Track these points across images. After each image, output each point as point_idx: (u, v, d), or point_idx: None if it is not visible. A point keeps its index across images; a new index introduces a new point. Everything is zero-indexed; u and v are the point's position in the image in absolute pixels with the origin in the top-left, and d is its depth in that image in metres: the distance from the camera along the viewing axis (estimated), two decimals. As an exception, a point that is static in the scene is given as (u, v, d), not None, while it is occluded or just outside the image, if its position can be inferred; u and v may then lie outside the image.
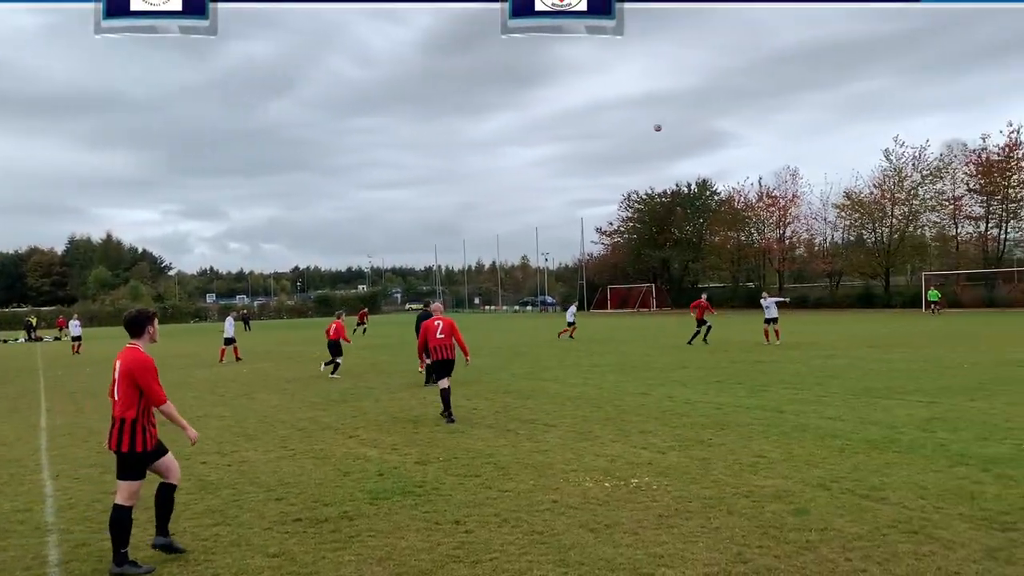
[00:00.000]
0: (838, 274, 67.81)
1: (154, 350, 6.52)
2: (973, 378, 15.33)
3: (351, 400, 15.44)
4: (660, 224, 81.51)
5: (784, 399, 13.40)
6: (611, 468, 8.66)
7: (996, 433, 9.84)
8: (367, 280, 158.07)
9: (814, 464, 8.50)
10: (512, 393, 15.56)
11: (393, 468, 9.08)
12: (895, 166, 62.06)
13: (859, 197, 64.24)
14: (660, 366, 19.97)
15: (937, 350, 21.97)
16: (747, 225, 73.39)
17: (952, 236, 62.12)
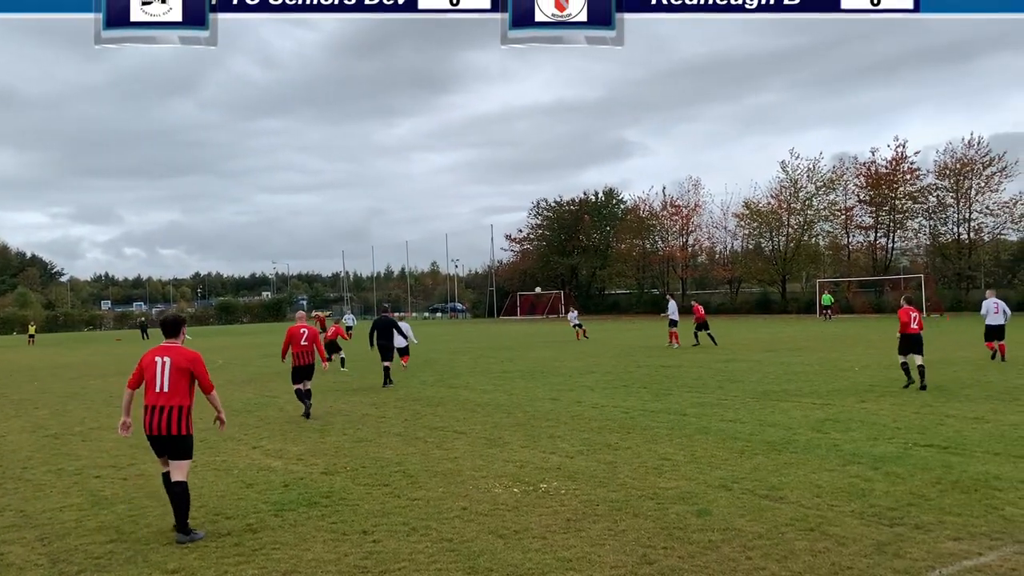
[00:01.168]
0: (738, 281, 70.07)
1: (42, 359, 6.21)
2: (863, 381, 16.09)
3: (255, 409, 15.03)
4: (568, 231, 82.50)
5: (687, 402, 13.75)
6: (520, 474, 8.69)
7: (884, 433, 10.35)
8: (272, 287, 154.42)
9: (716, 466, 8.75)
10: (422, 401, 15.45)
11: (299, 479, 8.88)
12: (791, 177, 64.49)
13: (757, 207, 66.47)
14: (569, 371, 20.20)
15: (830, 354, 22.96)
16: (652, 233, 75.05)
17: (844, 245, 64.98)
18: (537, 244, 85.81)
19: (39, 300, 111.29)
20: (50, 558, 6.37)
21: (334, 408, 14.83)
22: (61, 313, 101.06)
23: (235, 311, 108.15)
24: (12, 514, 7.85)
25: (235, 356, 32.49)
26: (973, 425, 10.74)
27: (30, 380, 24.10)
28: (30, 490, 8.85)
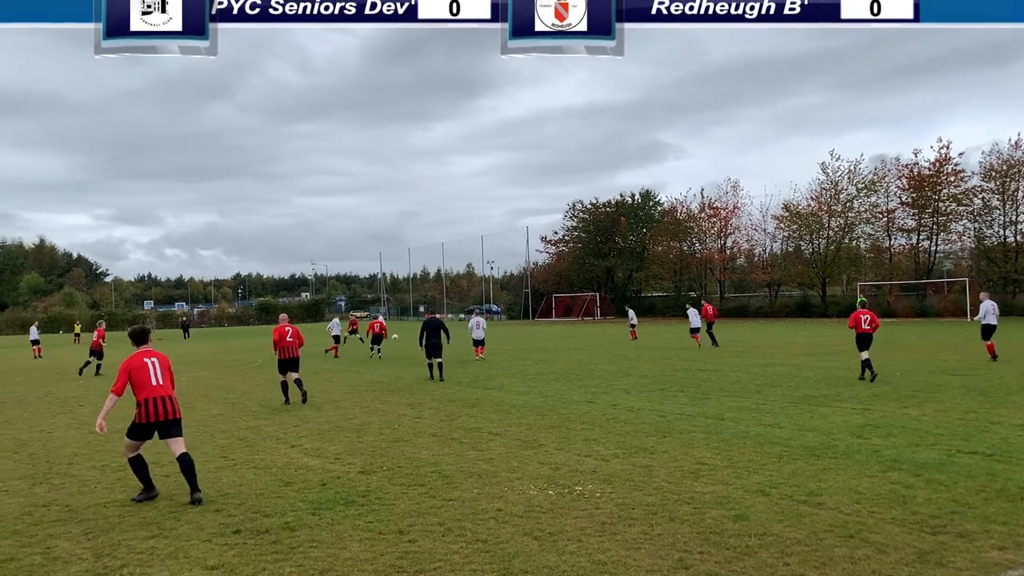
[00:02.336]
0: (777, 284, 69.23)
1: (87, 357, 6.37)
2: (905, 386, 15.80)
3: (293, 409, 15.21)
4: (604, 234, 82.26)
5: (725, 407, 13.62)
6: (555, 476, 8.68)
7: (927, 439, 10.16)
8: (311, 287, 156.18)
9: (754, 470, 8.65)
10: (457, 402, 15.50)
11: (336, 478, 8.96)
12: (831, 179, 63.64)
13: (797, 209, 65.69)
14: (604, 374, 20.12)
15: (872, 357, 22.55)
16: (689, 235, 74.55)
17: (885, 248, 63.97)
18: (572, 246, 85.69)
19: (84, 300, 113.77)
20: (94, 552, 6.51)
21: (371, 408, 14.95)
22: (105, 312, 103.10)
23: (275, 311, 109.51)
24: (58, 508, 8.03)
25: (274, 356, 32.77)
26: (1019, 432, 10.49)
27: (75, 378, 24.65)
28: (76, 485, 9.05)
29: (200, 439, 12.04)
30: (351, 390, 18.34)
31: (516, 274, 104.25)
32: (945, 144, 58.75)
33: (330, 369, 24.85)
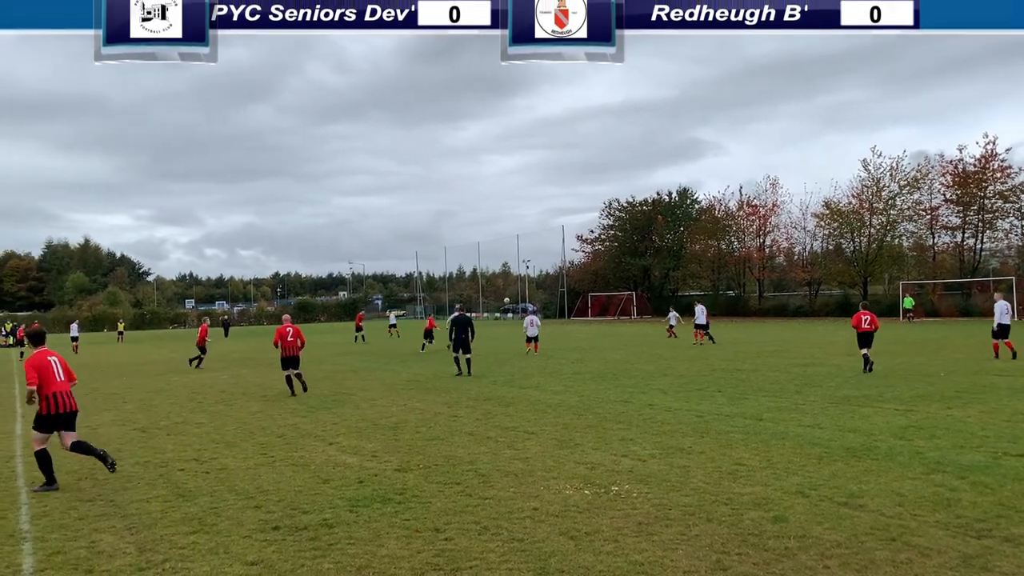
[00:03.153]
0: (817, 283, 68.32)
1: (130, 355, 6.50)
2: (949, 386, 15.50)
3: (332, 407, 15.36)
4: (641, 232, 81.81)
5: (764, 407, 13.48)
6: (591, 476, 8.67)
7: (972, 441, 9.95)
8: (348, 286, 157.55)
9: (793, 472, 8.55)
10: (493, 401, 15.54)
11: (373, 475, 9.04)
12: (873, 176, 62.57)
13: (838, 207, 64.70)
14: (641, 374, 20.03)
15: (914, 358, 22.19)
16: (727, 234, 73.81)
17: (929, 246, 62.73)
18: (609, 245, 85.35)
19: (127, 299, 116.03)
20: (138, 547, 6.64)
21: (408, 406, 15.05)
22: (148, 311, 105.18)
23: (313, 310, 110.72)
24: (103, 503, 8.21)
25: (311, 354, 33.21)
26: (1069, 435, 10.23)
27: (119, 376, 25.17)
28: (119, 481, 9.24)
29: (240, 436, 12.21)
30: (388, 388, 18.48)
31: (552, 273, 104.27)
32: (991, 140, 57.24)
33: (368, 368, 25.06)
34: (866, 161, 63.08)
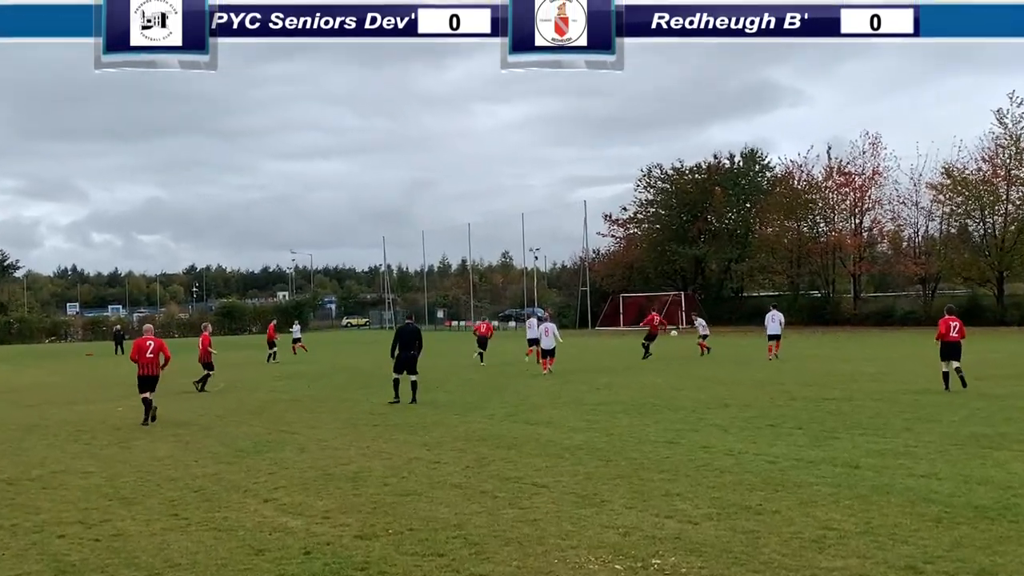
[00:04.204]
0: (934, 279, 68.35)
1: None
2: (1116, 422, 15.50)
3: (267, 450, 15.37)
4: (692, 210, 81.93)
5: (861, 450, 13.48)
6: (624, 544, 8.67)
7: None
8: (290, 285, 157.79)
9: (901, 539, 8.56)
10: (489, 441, 15.55)
11: (325, 544, 9.03)
12: (1011, 133, 62.64)
13: (963, 175, 64.76)
14: (692, 404, 20.04)
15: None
16: (811, 212, 73.81)
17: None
18: (648, 228, 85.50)
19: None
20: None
21: (372, 449, 15.06)
22: (15, 319, 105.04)
23: (242, 316, 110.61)
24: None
25: (241, 377, 33.25)
26: None
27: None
28: (-23, 551, 9.23)
29: (142, 490, 12.20)
30: (345, 425, 18.48)
31: (569, 266, 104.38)
32: None
33: (317, 397, 25.08)
34: (1001, 112, 63.27)
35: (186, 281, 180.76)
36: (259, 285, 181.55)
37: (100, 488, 12.49)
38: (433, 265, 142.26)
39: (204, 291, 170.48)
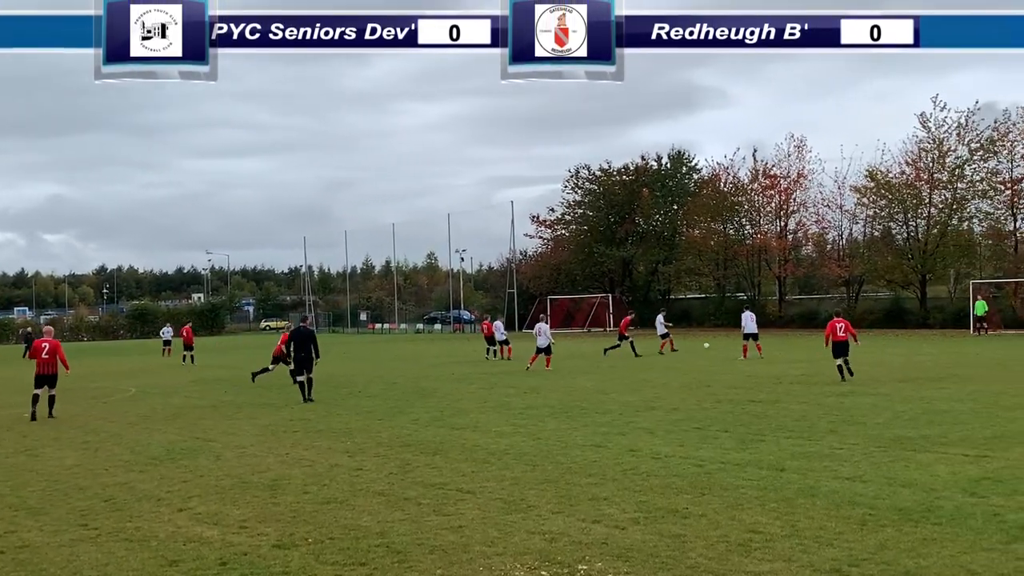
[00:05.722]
0: (858, 282, 69.50)
1: None
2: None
3: (181, 458, 15.15)
4: (620, 211, 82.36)
5: (786, 453, 13.68)
6: (550, 550, 8.69)
7: (1066, 497, 10.24)
8: (205, 286, 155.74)
9: (826, 542, 8.69)
10: (413, 447, 15.49)
11: (241, 554, 8.94)
12: (934, 137, 63.80)
13: (886, 178, 65.80)
14: (619, 407, 20.16)
15: (989, 385, 22.75)
16: (737, 214, 74.64)
17: (1009, 232, 63.94)
18: (576, 229, 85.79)
19: None
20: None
21: (292, 456, 14.92)
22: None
23: (154, 319, 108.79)
24: None
25: (154, 383, 32.73)
26: None
27: None
28: None
29: (50, 500, 11.96)
30: (263, 431, 18.28)
31: (496, 268, 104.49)
32: None
33: (235, 402, 24.78)
34: (925, 116, 64.29)
35: (96, 282, 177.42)
36: (173, 286, 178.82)
37: (5, 498, 12.22)
38: (356, 266, 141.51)
39: (115, 292, 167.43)
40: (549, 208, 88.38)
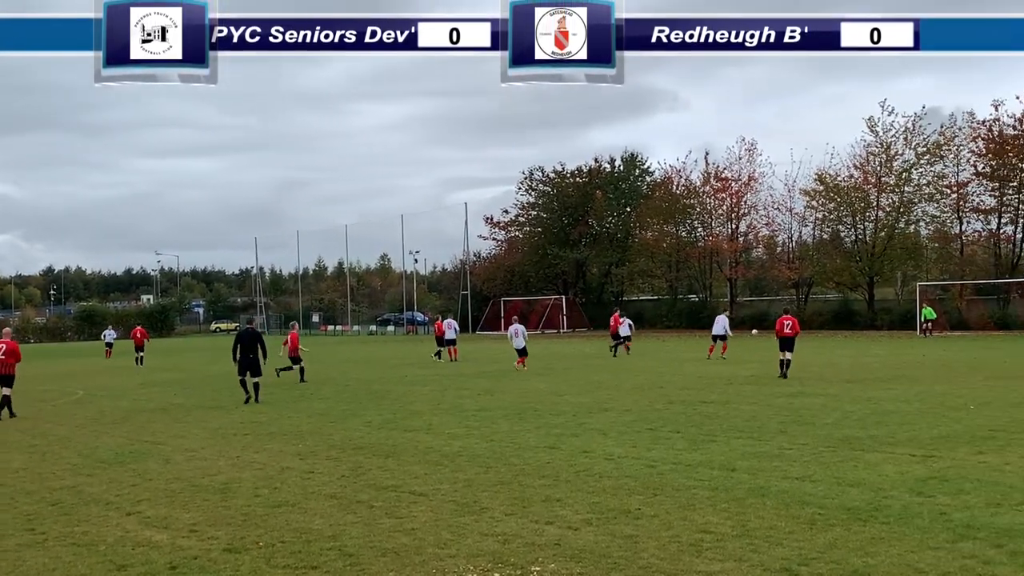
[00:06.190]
0: (807, 284, 70.22)
1: None
2: (981, 423, 16.17)
3: (130, 461, 14.98)
4: (573, 213, 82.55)
5: (737, 453, 13.78)
6: (503, 552, 8.69)
7: (1011, 497, 10.40)
8: (155, 287, 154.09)
9: (776, 541, 8.76)
10: (365, 449, 15.43)
11: (192, 558, 8.85)
12: (882, 141, 64.62)
13: (835, 181, 66.54)
14: (572, 409, 20.20)
15: (935, 386, 23.08)
16: (689, 216, 75.11)
17: (955, 235, 65.01)
18: (529, 231, 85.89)
19: None
20: None
21: (242, 459, 14.80)
22: None
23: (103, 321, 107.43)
24: None
25: (102, 385, 32.32)
26: None
27: None
28: None
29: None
30: (214, 434, 18.12)
31: (450, 270, 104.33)
32: None
33: (185, 405, 24.54)
34: (873, 120, 65.18)
35: (43, 283, 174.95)
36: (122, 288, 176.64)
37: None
38: (308, 267, 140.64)
39: (63, 294, 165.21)
40: (503, 210, 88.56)
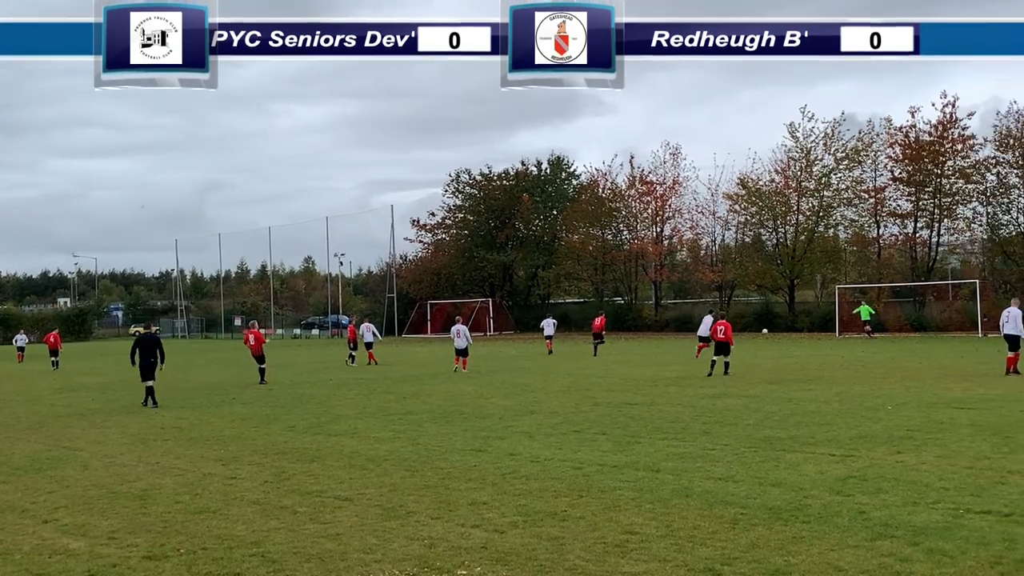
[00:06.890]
0: (730, 286, 71.16)
1: None
2: (899, 423, 16.51)
3: (47, 468, 14.67)
4: (500, 216, 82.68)
5: (661, 454, 13.90)
6: (429, 556, 8.66)
7: (927, 495, 10.63)
8: (72, 290, 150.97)
9: (700, 541, 8.85)
10: (289, 454, 15.29)
11: (111, 566, 8.71)
12: (802, 146, 65.63)
13: (757, 185, 67.48)
14: (499, 412, 20.23)
15: (854, 387, 23.50)
16: (615, 220, 75.66)
17: (873, 238, 66.28)
18: (456, 233, 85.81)
19: None
20: None
21: (162, 465, 14.57)
22: None
23: (18, 325, 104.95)
24: None
25: (16, 390, 31.62)
26: (1043, 483, 11.11)
27: None
28: None
29: (-97, 514, 11.45)
30: (133, 440, 17.82)
31: (376, 272, 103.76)
32: (950, 101, 59.97)
33: (104, 410, 24.10)
34: (793, 126, 66.18)
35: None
36: (38, 291, 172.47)
37: None
38: (230, 270, 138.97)
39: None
40: (429, 212, 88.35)
